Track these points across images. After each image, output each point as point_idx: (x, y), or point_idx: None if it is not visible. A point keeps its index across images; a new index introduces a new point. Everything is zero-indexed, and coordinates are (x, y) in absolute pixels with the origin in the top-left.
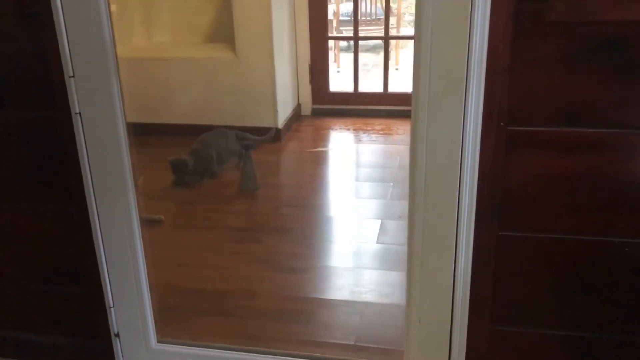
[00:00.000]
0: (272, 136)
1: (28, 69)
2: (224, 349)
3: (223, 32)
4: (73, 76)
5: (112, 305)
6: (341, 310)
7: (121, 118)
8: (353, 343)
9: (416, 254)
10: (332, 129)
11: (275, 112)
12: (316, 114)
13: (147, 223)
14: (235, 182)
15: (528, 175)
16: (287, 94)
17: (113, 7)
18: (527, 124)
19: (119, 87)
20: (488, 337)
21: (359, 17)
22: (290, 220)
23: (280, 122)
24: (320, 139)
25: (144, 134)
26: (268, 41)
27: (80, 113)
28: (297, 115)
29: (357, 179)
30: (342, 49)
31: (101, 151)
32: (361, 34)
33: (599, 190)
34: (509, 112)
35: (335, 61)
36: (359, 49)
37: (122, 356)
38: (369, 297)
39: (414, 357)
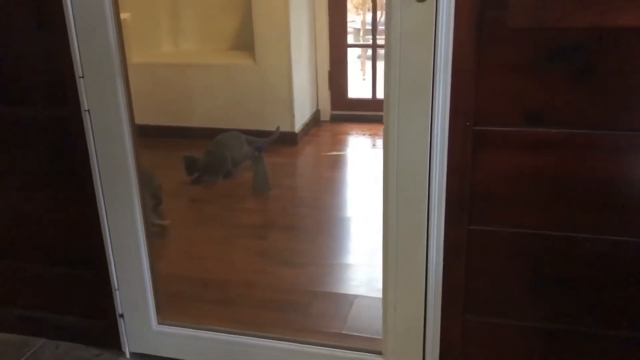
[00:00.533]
0: (277, 136)
1: (43, 70)
2: (220, 332)
3: (245, 40)
4: (82, 76)
5: (117, 288)
6: (335, 302)
7: (125, 115)
8: (342, 332)
9: (390, 246)
10: (350, 134)
11: (292, 116)
12: (335, 119)
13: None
14: (249, 183)
15: (494, 173)
16: (305, 99)
17: (125, 15)
18: (492, 124)
19: (125, 87)
20: (460, 326)
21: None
22: (298, 219)
23: (298, 126)
24: (337, 143)
25: (168, 137)
26: (286, 48)
27: (88, 110)
28: (315, 121)
29: (368, 182)
30: (368, 58)
31: (107, 145)
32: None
33: (560, 187)
34: (474, 113)
35: (361, 69)
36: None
37: (126, 335)
38: (362, 291)
39: (390, 344)
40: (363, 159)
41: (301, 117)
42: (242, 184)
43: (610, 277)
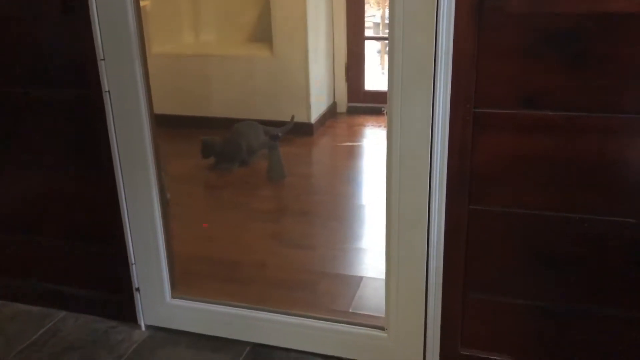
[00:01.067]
0: (292, 125)
1: (67, 53)
2: (231, 306)
3: (264, 32)
4: (104, 59)
5: (133, 262)
6: (342, 283)
7: (143, 96)
8: (348, 310)
9: (393, 226)
10: (366, 126)
11: (308, 107)
12: (352, 111)
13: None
14: (264, 171)
15: (494, 154)
16: (321, 91)
17: (145, 3)
18: (491, 107)
19: (143, 70)
20: (461, 304)
21: None
22: (312, 206)
23: (313, 117)
24: (353, 134)
25: (187, 126)
26: (303, 41)
27: (109, 91)
28: (332, 112)
29: (383, 172)
30: (387, 52)
31: (126, 125)
32: None
33: (558, 169)
34: (475, 96)
35: (380, 63)
36: None
37: (142, 308)
38: (370, 273)
39: (393, 321)
40: (378, 150)
41: (317, 108)
42: (257, 172)
43: (606, 257)
